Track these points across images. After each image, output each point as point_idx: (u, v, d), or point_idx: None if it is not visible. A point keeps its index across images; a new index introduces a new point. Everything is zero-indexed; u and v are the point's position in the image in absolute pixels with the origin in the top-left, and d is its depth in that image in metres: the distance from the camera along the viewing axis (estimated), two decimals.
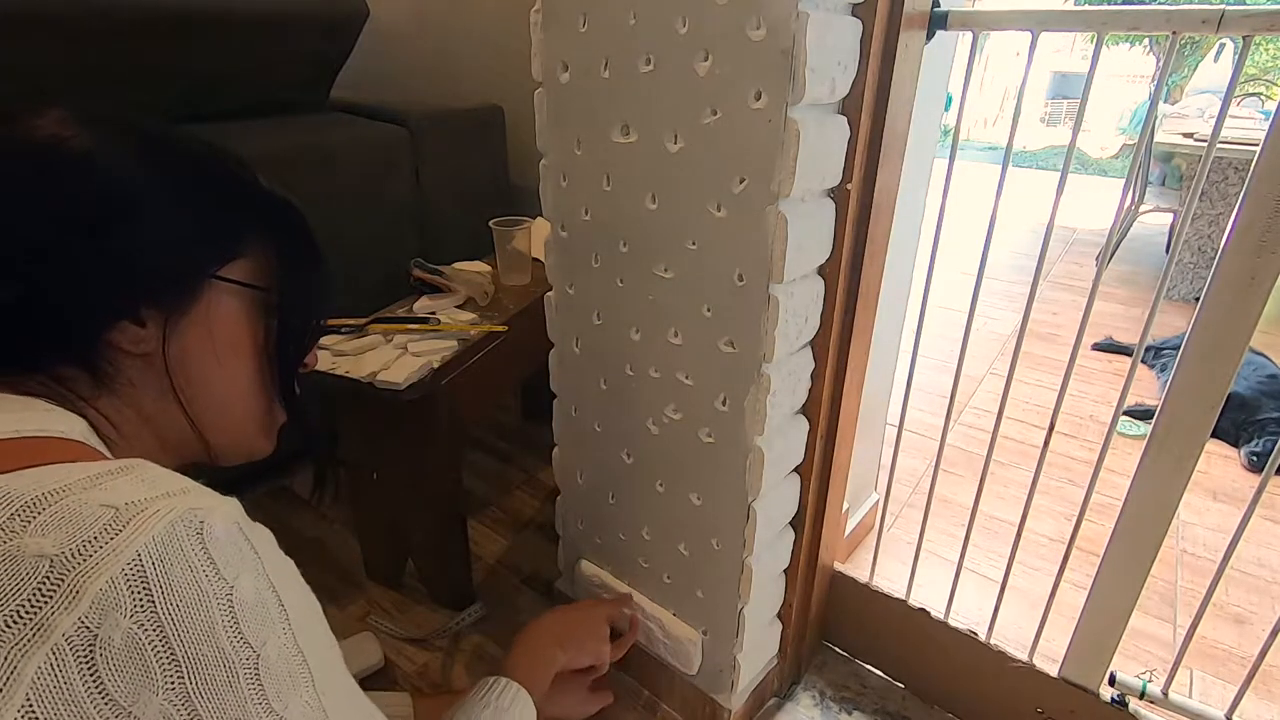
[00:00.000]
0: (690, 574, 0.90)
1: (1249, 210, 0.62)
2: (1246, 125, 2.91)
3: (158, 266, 0.44)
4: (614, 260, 0.80)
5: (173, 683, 0.30)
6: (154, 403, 0.46)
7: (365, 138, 1.35)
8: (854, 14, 0.64)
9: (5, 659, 0.27)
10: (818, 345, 0.79)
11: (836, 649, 1.11)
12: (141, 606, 0.30)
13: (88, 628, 0.28)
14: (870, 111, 0.69)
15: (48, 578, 0.29)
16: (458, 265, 1.28)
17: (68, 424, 0.39)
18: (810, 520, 0.91)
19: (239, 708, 0.33)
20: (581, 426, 0.95)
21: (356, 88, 1.59)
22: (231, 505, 0.35)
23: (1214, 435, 1.69)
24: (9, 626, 0.28)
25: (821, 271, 0.75)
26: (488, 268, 1.29)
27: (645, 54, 0.68)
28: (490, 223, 1.23)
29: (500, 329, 1.07)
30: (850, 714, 1.01)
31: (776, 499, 0.84)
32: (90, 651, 0.29)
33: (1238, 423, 1.71)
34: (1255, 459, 1.61)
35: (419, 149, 1.40)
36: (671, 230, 0.73)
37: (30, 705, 0.27)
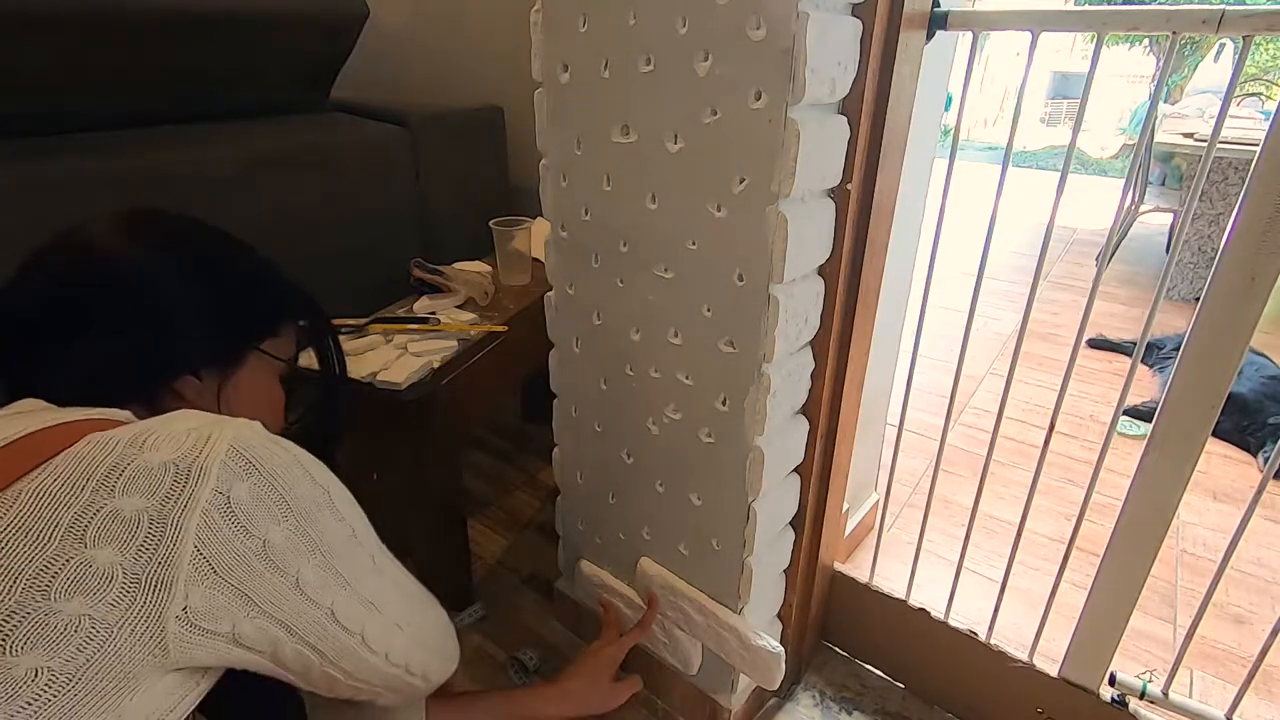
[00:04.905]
0: (690, 574, 0.90)
1: (1249, 210, 0.62)
2: (1246, 125, 2.91)
3: (220, 341, 0.59)
4: (614, 260, 0.80)
5: (285, 516, 0.45)
6: None
7: (365, 138, 1.35)
8: (854, 14, 0.64)
9: (172, 522, 0.40)
10: (818, 345, 0.79)
11: (836, 649, 1.11)
12: (249, 473, 0.44)
13: (220, 492, 0.42)
14: (870, 111, 0.69)
15: (178, 471, 0.41)
16: (458, 265, 1.28)
17: (123, 415, 0.51)
18: (810, 520, 0.91)
19: (327, 523, 0.49)
20: (581, 426, 0.95)
21: (356, 88, 1.59)
22: (257, 421, 0.48)
23: (1215, 436, 1.71)
24: (165, 503, 0.41)
25: (821, 271, 0.75)
26: (488, 268, 1.29)
27: (645, 54, 0.68)
28: (490, 223, 1.23)
29: (500, 329, 1.07)
30: (850, 714, 1.01)
31: (776, 499, 0.84)
32: (228, 506, 0.42)
33: (1242, 426, 1.70)
34: None
35: (419, 149, 1.40)
36: (671, 230, 0.73)
37: (197, 550, 0.41)
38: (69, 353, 0.52)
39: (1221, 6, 0.59)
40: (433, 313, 1.11)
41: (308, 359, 0.70)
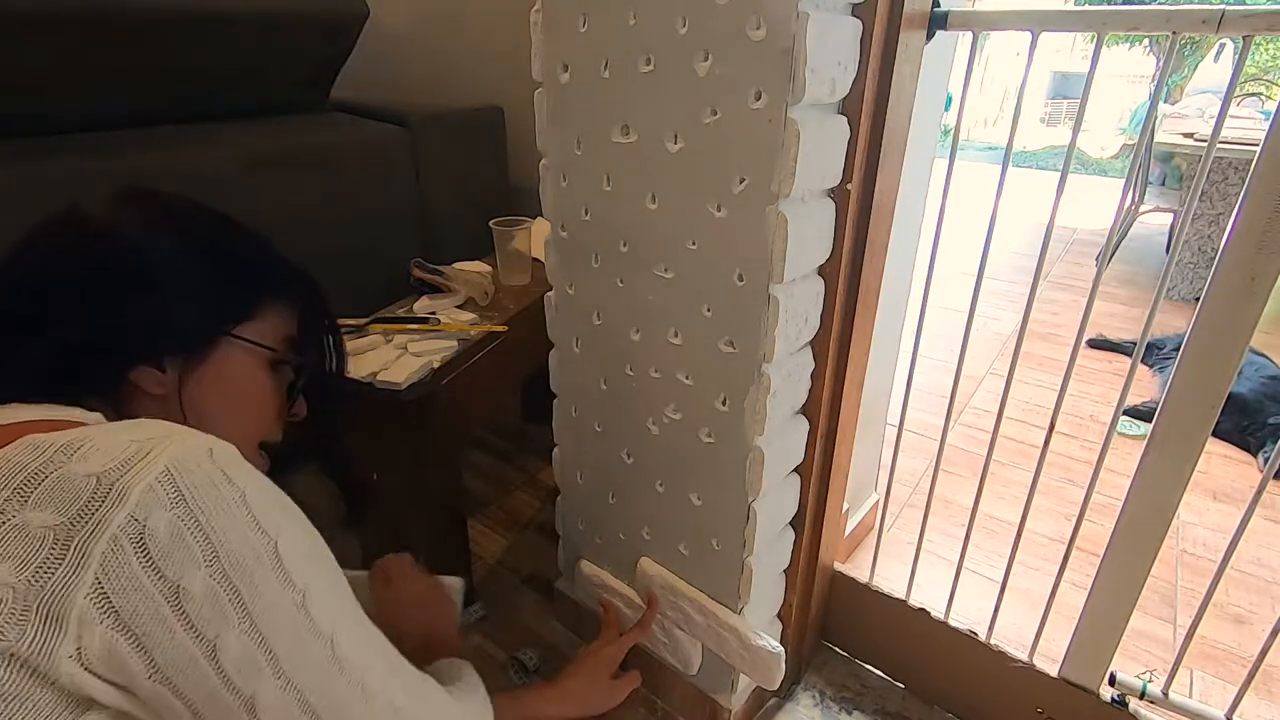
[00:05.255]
0: (690, 574, 0.90)
1: (1249, 210, 0.62)
2: (1246, 125, 2.91)
3: (178, 324, 0.51)
4: (614, 260, 0.80)
5: (210, 560, 0.38)
6: None
7: (365, 138, 1.35)
8: (854, 14, 0.64)
9: (75, 546, 0.35)
10: (818, 345, 0.79)
11: (836, 649, 1.11)
12: (176, 503, 0.37)
13: (136, 520, 0.36)
14: (870, 111, 0.69)
15: (98, 486, 0.36)
16: (458, 265, 1.28)
17: (90, 418, 0.47)
18: (810, 520, 0.91)
19: (265, 580, 0.40)
20: (581, 426, 0.95)
21: (356, 88, 1.59)
22: (228, 444, 0.42)
23: (1215, 436, 1.71)
24: (74, 524, 0.35)
25: (821, 271, 0.75)
26: (488, 268, 1.29)
27: (645, 54, 0.68)
28: (490, 223, 1.23)
29: (500, 329, 1.07)
30: (850, 714, 1.01)
31: (776, 499, 0.84)
32: (141, 537, 0.36)
33: (1242, 426, 1.70)
34: None
35: (419, 149, 1.40)
36: (671, 230, 0.73)
37: (99, 581, 0.35)
38: (34, 344, 0.47)
39: (1221, 6, 0.59)
40: (433, 313, 1.11)
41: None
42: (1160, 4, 0.64)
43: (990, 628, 0.94)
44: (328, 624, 0.43)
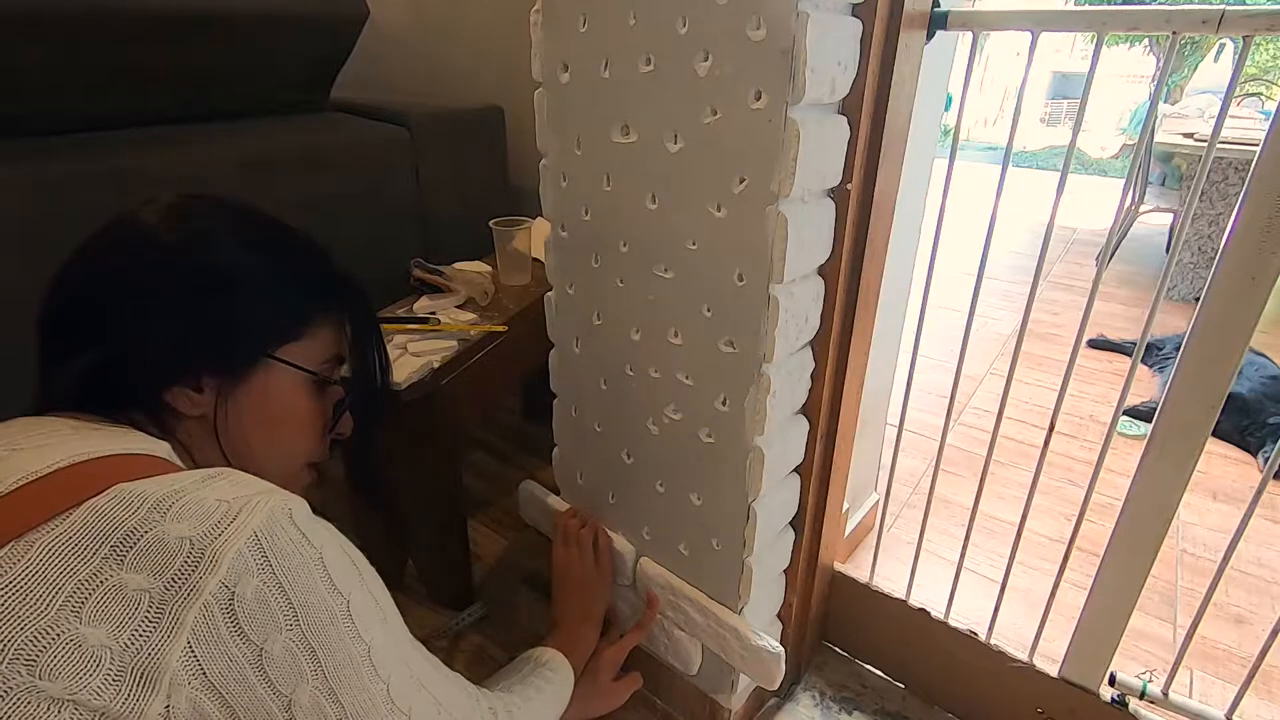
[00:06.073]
0: (690, 574, 0.90)
1: (1249, 210, 0.62)
2: (1246, 125, 2.91)
3: (223, 343, 0.51)
4: (614, 260, 0.80)
5: (291, 624, 0.40)
6: (206, 454, 0.53)
7: (365, 138, 1.35)
8: (854, 14, 0.64)
9: (170, 611, 0.37)
10: (818, 345, 0.79)
11: (836, 649, 1.11)
12: (263, 569, 0.39)
13: (227, 586, 0.38)
14: (870, 111, 0.69)
15: (191, 552, 0.38)
16: (458, 265, 1.28)
17: (158, 448, 0.47)
18: (810, 520, 0.91)
19: (339, 639, 0.43)
20: (581, 426, 0.95)
21: (356, 88, 1.59)
22: (302, 500, 0.44)
23: (1215, 436, 1.71)
24: (169, 588, 0.37)
25: (821, 271, 0.75)
26: (488, 268, 1.29)
27: (645, 54, 0.68)
28: (490, 223, 1.23)
29: (500, 329, 1.07)
30: (850, 714, 1.01)
31: (776, 499, 0.84)
32: (230, 603, 0.38)
33: (1242, 426, 1.70)
34: None
35: (419, 149, 1.40)
36: (671, 230, 0.73)
37: (190, 646, 0.37)
38: (76, 353, 0.48)
39: (1221, 6, 0.59)
40: (433, 313, 1.11)
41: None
42: (1160, 4, 0.64)
43: (990, 628, 0.94)
44: (385, 670, 0.47)
